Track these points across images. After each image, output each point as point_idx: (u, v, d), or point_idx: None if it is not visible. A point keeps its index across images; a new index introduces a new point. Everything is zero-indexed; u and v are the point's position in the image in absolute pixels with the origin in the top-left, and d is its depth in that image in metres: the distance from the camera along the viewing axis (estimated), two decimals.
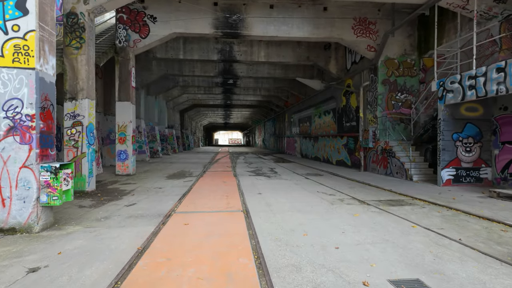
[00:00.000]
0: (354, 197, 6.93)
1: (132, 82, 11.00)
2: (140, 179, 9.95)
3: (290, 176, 10.88)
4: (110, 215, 5.31)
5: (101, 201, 6.56)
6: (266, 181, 9.52)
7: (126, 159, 10.83)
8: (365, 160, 12.53)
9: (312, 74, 18.09)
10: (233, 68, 17.71)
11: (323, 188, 8.16)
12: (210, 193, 7.26)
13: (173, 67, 17.47)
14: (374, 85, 11.96)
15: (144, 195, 7.22)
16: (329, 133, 16.79)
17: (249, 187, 8.34)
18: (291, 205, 5.95)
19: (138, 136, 17.41)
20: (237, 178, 10.18)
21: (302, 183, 9.09)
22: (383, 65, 11.75)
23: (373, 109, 12.05)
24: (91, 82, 7.67)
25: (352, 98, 13.93)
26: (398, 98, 11.82)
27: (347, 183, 9.23)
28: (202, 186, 8.41)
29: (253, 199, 6.62)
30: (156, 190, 7.84)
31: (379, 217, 5.10)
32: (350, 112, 14.12)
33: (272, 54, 14.73)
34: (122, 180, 9.81)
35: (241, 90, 25.10)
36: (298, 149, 23.83)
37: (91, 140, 7.67)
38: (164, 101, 24.21)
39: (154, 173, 11.61)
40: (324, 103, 17.59)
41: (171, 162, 17.23)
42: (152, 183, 9.18)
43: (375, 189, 8.22)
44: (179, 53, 14.32)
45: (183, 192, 7.43)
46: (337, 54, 15.06)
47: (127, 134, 10.87)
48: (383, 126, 11.72)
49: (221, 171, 12.46)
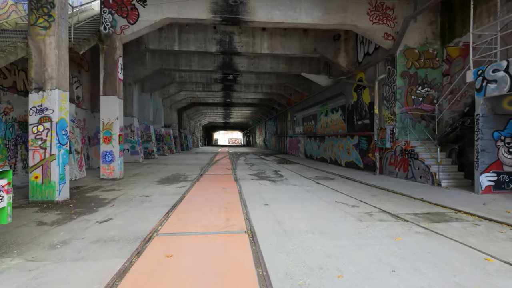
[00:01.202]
0: (382, 209, 5.63)
1: (119, 74, 9.71)
2: (127, 185, 8.65)
3: (299, 181, 9.58)
4: (71, 237, 4.01)
5: (70, 214, 5.27)
6: (271, 187, 8.22)
7: (112, 161, 9.53)
8: (380, 162, 11.24)
9: (318, 69, 16.80)
10: (233, 62, 16.42)
11: (341, 197, 6.86)
12: (206, 204, 5.96)
13: (169, 60, 16.17)
14: (392, 78, 10.66)
15: (125, 206, 5.93)
16: (337, 132, 15.49)
17: (252, 195, 7.04)
18: (309, 223, 4.64)
19: (131, 135, 16.11)
20: (238, 183, 8.89)
21: (314, 190, 7.79)
22: (402, 56, 10.46)
23: (391, 105, 10.75)
24: (63, 70, 6.37)
25: (365, 93, 12.64)
26: (418, 93, 10.53)
27: (366, 190, 7.94)
28: (197, 194, 7.11)
29: (259, 213, 5.32)
30: (141, 200, 6.54)
31: (430, 242, 3.80)
32: (363, 109, 12.83)
33: (276, 45, 13.43)
34: (105, 185, 8.51)
35: (241, 87, 23.80)
36: (302, 149, 22.54)
37: (63, 139, 6.37)
38: (160, 98, 22.92)
39: (144, 177, 10.30)
40: (332, 100, 16.29)
41: (166, 163, 15.93)
42: (139, 189, 7.88)
43: (401, 197, 6.92)
44: (174, 44, 13.03)
45: (173, 203, 6.13)
46: (347, 46, 13.77)
47: (113, 133, 9.57)
48: (402, 124, 10.42)
49: (220, 174, 11.16)
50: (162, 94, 23.13)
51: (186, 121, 37.93)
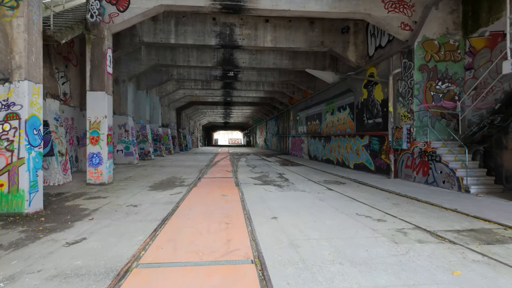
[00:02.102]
0: (415, 224, 4.67)
1: (107, 67, 8.74)
2: (115, 191, 7.68)
3: (307, 186, 8.61)
4: (24, 270, 3.06)
5: (36, 232, 4.31)
6: (278, 194, 7.26)
7: (100, 164, 8.56)
8: (395, 164, 10.27)
9: (324, 64, 15.83)
10: (234, 58, 15.44)
11: (361, 208, 5.90)
12: (203, 218, 4.99)
13: (165, 56, 15.20)
14: (409, 73, 9.70)
15: (107, 219, 4.97)
16: (345, 132, 14.53)
17: (257, 204, 6.08)
18: (332, 246, 3.68)
19: (125, 135, 15.15)
20: (240, 189, 7.92)
21: (327, 198, 6.82)
22: (420, 48, 9.50)
23: (407, 102, 9.79)
24: (34, 58, 5.41)
25: (377, 89, 11.67)
26: (438, 89, 9.56)
27: (385, 197, 6.97)
28: (193, 203, 6.15)
29: (267, 230, 4.36)
30: (127, 210, 5.58)
31: (502, 279, 2.84)
32: (374, 107, 11.86)
33: (280, 38, 12.46)
34: (90, 192, 7.55)
35: (242, 85, 22.83)
36: (306, 150, 21.57)
37: (35, 140, 5.40)
38: (157, 97, 21.95)
39: (136, 181, 9.34)
40: (339, 98, 15.32)
41: (162, 165, 14.97)
42: (128, 197, 6.91)
43: (430, 207, 5.96)
44: (170, 36, 12.06)
45: (164, 215, 5.16)
46: (357, 39, 12.80)
47: (101, 133, 8.61)
48: (420, 122, 9.46)
49: (220, 178, 10.20)
50: (159, 92, 22.17)
51: (185, 121, 36.97)
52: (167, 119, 25.86)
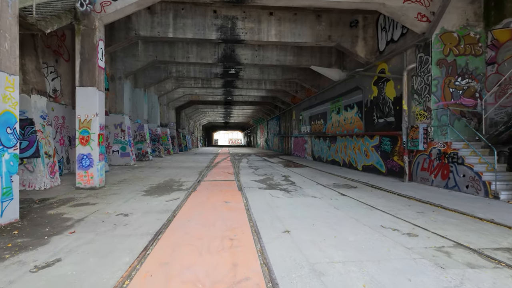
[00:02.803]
0: (454, 240, 3.94)
1: (99, 61, 8.01)
2: (106, 196, 6.96)
3: (316, 190, 7.89)
4: None
5: (3, 250, 3.60)
6: (286, 201, 6.53)
7: (90, 167, 7.84)
8: (410, 166, 9.55)
9: (329, 61, 15.11)
10: (235, 54, 14.72)
11: (384, 217, 5.17)
12: (202, 232, 4.26)
13: (163, 52, 14.48)
14: (426, 68, 8.97)
15: (90, 233, 4.24)
16: (353, 132, 13.80)
17: (264, 213, 5.35)
18: (365, 273, 2.95)
19: (121, 135, 14.42)
20: (243, 194, 7.20)
21: (342, 205, 6.10)
22: (439, 41, 8.78)
23: (423, 100, 9.06)
24: (8, 46, 4.68)
25: (388, 87, 10.95)
26: (458, 85, 8.84)
27: (406, 204, 6.25)
28: (192, 212, 5.42)
29: (280, 249, 3.63)
30: (116, 221, 4.86)
31: None
32: (385, 105, 11.14)
33: (285, 32, 11.74)
34: (79, 197, 6.82)
35: (243, 84, 22.11)
36: (309, 150, 20.84)
37: (8, 140, 4.68)
38: (156, 95, 21.22)
39: (131, 185, 8.61)
40: (345, 96, 14.60)
41: (160, 166, 14.24)
42: (119, 204, 6.19)
43: (462, 217, 5.23)
44: (168, 30, 11.33)
45: (158, 228, 4.44)
46: (366, 33, 12.08)
47: (91, 132, 7.88)
48: (438, 121, 8.74)
49: (221, 181, 9.47)
50: (158, 90, 21.45)
51: (185, 121, 36.25)
52: (166, 119, 25.13)
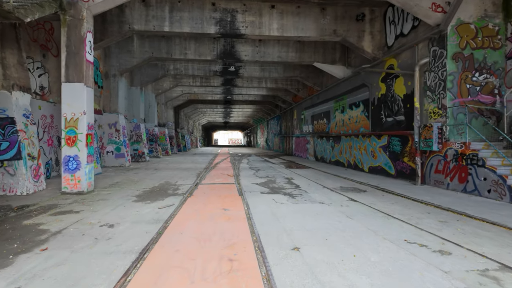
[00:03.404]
0: (498, 261, 3.31)
1: (86, 54, 7.37)
2: (93, 202, 6.32)
3: (324, 194, 7.25)
4: None
5: None
6: (293, 208, 5.89)
7: (77, 170, 7.19)
8: (422, 168, 8.91)
9: (333, 58, 14.47)
10: (235, 50, 14.08)
11: (403, 228, 4.53)
12: (197, 249, 3.63)
13: (160, 48, 13.84)
14: (440, 62, 8.34)
15: (65, 250, 3.61)
16: (358, 132, 13.17)
17: (269, 224, 4.71)
18: None
19: (116, 135, 13.77)
20: (244, 199, 6.56)
21: (355, 213, 5.46)
22: (455, 33, 8.14)
23: (438, 97, 8.43)
24: None
25: (398, 83, 10.31)
26: (475, 81, 8.21)
27: (426, 211, 5.62)
28: (186, 223, 4.78)
29: (291, 274, 2.98)
30: (99, 234, 4.22)
31: None
32: (394, 103, 10.50)
33: (287, 26, 11.10)
34: (63, 204, 6.18)
35: (243, 82, 21.48)
36: (311, 151, 20.21)
37: None
38: (153, 94, 20.58)
39: (122, 189, 7.97)
40: (351, 94, 13.96)
41: (156, 168, 13.60)
42: (106, 211, 5.55)
43: (493, 228, 4.59)
44: (164, 23, 10.69)
45: (145, 244, 3.80)
46: (373, 28, 11.45)
47: (78, 132, 7.24)
48: (454, 120, 8.10)
49: (220, 184, 8.84)
50: (155, 89, 20.81)
51: (183, 120, 35.61)
52: (164, 118, 24.48)
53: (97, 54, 13.17)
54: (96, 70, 13.10)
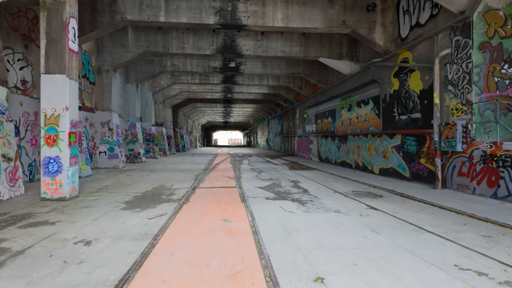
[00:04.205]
0: None
1: (69, 42, 6.53)
2: (75, 211, 5.49)
3: (337, 201, 6.42)
4: None
5: None
6: (305, 218, 5.05)
7: (58, 173, 6.36)
8: (443, 171, 8.08)
9: (340, 53, 13.65)
10: (236, 44, 13.25)
11: (445, 246, 3.71)
12: (190, 279, 2.79)
13: (156, 41, 13.01)
14: (464, 53, 7.51)
15: (19, 281, 2.78)
16: (367, 131, 12.34)
17: (279, 241, 3.88)
18: None
19: (109, 134, 12.93)
20: (247, 207, 5.74)
21: (380, 226, 4.63)
22: (481, 20, 7.31)
23: (461, 91, 7.61)
24: None
25: (413, 78, 9.49)
26: (504, 73, 7.36)
27: (461, 223, 4.79)
28: (179, 240, 3.94)
29: None
30: (69, 256, 3.39)
31: None
32: (409, 99, 9.67)
33: (293, 16, 10.27)
34: (38, 213, 5.34)
35: (244, 79, 20.65)
36: (315, 151, 19.38)
37: None
38: (150, 92, 19.74)
39: (111, 194, 7.14)
40: (359, 91, 13.13)
41: (152, 169, 12.76)
42: (86, 222, 4.72)
43: None
44: (159, 13, 9.86)
45: (123, 272, 2.95)
46: (385, 18, 10.62)
47: (60, 130, 6.40)
48: (481, 117, 7.28)
49: (220, 188, 8.00)
50: (152, 87, 19.97)
51: (182, 120, 34.76)
52: (161, 117, 23.64)
53: (88, 48, 12.34)
54: (87, 65, 12.26)
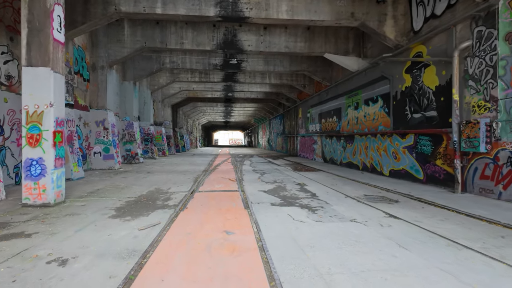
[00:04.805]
0: None
1: (55, 32, 5.91)
2: (56, 220, 4.86)
3: (351, 207, 5.78)
4: None
5: None
6: (318, 229, 4.41)
7: (42, 176, 5.74)
8: (463, 173, 7.44)
9: (346, 48, 13.02)
10: (237, 40, 12.63)
11: (493, 266, 3.06)
12: None
13: (154, 36, 12.39)
14: (488, 45, 6.87)
15: None
16: (376, 130, 11.70)
17: (293, 261, 3.24)
18: None
19: (104, 134, 12.31)
20: (252, 215, 5.10)
21: (404, 238, 3.98)
22: (507, 8, 6.66)
23: (484, 87, 6.96)
24: None
25: (428, 73, 8.84)
26: None
27: (498, 234, 4.15)
28: (172, 259, 3.30)
29: None
30: (36, 281, 2.75)
31: None
32: (423, 96, 9.03)
33: (298, 8, 9.63)
34: (15, 222, 4.72)
35: (246, 77, 20.02)
36: (319, 151, 18.74)
37: None
38: (148, 90, 19.12)
39: (102, 199, 6.51)
40: (366, 88, 12.49)
41: (150, 171, 12.14)
42: (68, 234, 4.10)
43: None
44: (156, 5, 9.23)
45: None
46: (396, 11, 9.98)
47: (43, 129, 5.79)
48: (507, 114, 6.63)
49: (221, 192, 7.37)
50: (151, 85, 19.35)
51: (182, 119, 34.14)
52: (160, 117, 23.03)
53: (82, 44, 11.72)
54: (81, 61, 11.65)
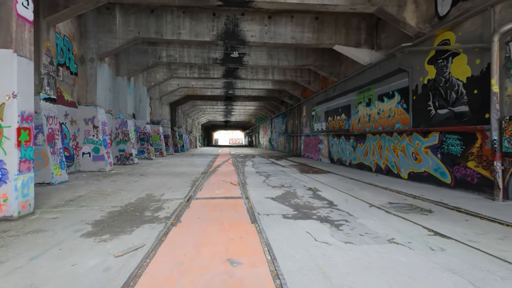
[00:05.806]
0: None
1: (18, 7, 4.85)
2: (14, 240, 3.80)
3: (381, 221, 4.72)
4: None
5: None
6: (352, 257, 3.35)
7: (2, 183, 4.68)
8: (504, 178, 6.38)
9: (358, 39, 11.96)
10: (239, 30, 11.56)
11: None
12: None
13: (148, 26, 11.33)
14: None
15: None
16: (392, 128, 10.64)
17: None
18: None
19: (94, 133, 11.25)
20: (261, 232, 4.04)
21: (469, 270, 2.92)
22: None
23: None
24: None
25: (456, 63, 7.77)
26: None
27: None
28: None
29: None
30: None
31: None
32: (451, 89, 7.97)
33: None
34: None
35: (247, 73, 18.96)
36: (325, 152, 17.68)
37: None
38: (144, 87, 18.06)
39: (80, 209, 5.45)
40: (380, 83, 11.43)
41: (143, 173, 11.08)
42: (16, 265, 3.02)
43: None
44: None
45: None
46: None
47: (4, 126, 4.73)
48: None
49: (222, 199, 6.31)
50: (147, 81, 18.29)
51: (181, 118, 33.07)
52: (158, 115, 21.96)
53: (69, 33, 10.66)
54: (68, 52, 10.59)
